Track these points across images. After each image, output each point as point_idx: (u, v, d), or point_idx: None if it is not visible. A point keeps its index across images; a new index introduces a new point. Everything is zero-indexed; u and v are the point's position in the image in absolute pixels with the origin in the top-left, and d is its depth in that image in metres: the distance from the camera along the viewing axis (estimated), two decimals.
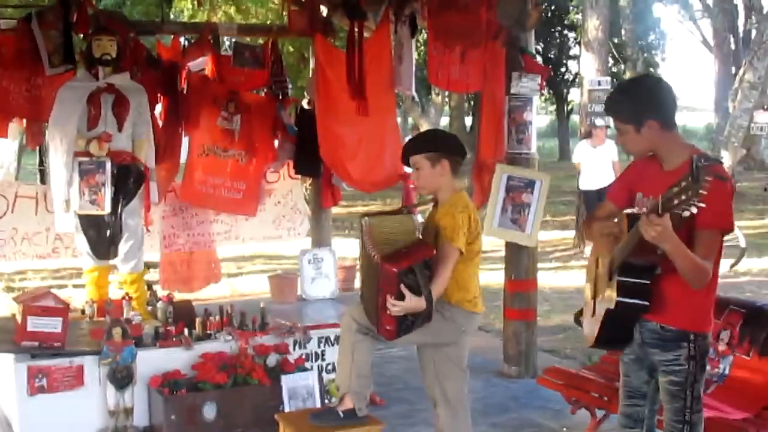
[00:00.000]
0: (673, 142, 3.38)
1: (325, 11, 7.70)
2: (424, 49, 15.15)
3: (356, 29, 6.98)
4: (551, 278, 10.49)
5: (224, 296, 9.17)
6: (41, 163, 13.38)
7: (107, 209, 5.88)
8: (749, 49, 15.03)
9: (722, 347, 4.62)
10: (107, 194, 5.86)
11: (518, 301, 6.54)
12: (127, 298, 5.96)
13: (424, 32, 9.79)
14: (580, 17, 22.62)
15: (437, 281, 3.91)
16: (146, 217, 6.33)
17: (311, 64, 8.21)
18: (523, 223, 6.27)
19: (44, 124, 7.00)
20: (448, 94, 21.55)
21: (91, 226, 5.99)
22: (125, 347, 5.03)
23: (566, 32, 31.91)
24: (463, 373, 4.25)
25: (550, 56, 31.74)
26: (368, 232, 3.99)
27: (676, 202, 2.85)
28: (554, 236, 13.55)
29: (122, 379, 5.01)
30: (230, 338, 5.41)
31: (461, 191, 4.20)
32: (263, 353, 5.32)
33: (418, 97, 21.43)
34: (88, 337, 5.41)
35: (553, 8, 28.60)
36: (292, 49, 14.96)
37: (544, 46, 31.20)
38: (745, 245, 11.45)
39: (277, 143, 7.61)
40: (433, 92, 22.64)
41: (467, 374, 4.29)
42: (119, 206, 5.97)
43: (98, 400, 5.05)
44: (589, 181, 11.97)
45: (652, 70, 28.06)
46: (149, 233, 6.91)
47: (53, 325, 5.06)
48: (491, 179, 6.29)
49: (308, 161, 7.52)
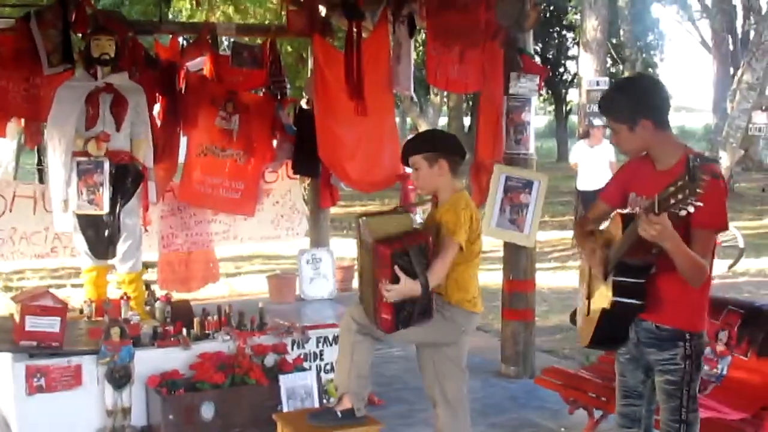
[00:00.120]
0: (666, 141, 3.38)
1: (323, 11, 7.69)
2: (422, 49, 15.17)
3: (354, 29, 6.97)
4: (549, 278, 10.48)
5: (222, 296, 9.17)
6: (39, 162, 13.36)
7: (105, 209, 5.88)
8: (747, 49, 15.03)
9: (720, 348, 4.62)
10: (105, 194, 5.86)
11: (516, 301, 6.54)
12: (125, 297, 5.96)
13: (422, 32, 9.79)
14: (578, 18, 22.63)
15: (434, 270, 3.89)
16: (144, 216, 6.34)
17: (310, 64, 8.21)
18: (521, 223, 6.27)
19: (42, 123, 7.01)
20: (446, 94, 21.57)
21: (89, 225, 5.98)
22: (123, 347, 5.03)
23: (565, 32, 31.92)
24: (462, 373, 4.25)
25: (548, 57, 31.75)
26: (366, 231, 3.99)
27: (672, 201, 2.86)
28: (552, 236, 13.55)
29: (120, 378, 5.01)
30: (228, 338, 5.41)
31: (462, 191, 4.19)
32: (261, 353, 5.32)
33: (416, 97, 21.44)
34: (86, 336, 5.41)
35: (551, 8, 28.61)
36: (290, 49, 14.95)
37: (542, 46, 31.21)
38: (743, 246, 11.47)
39: (275, 143, 7.59)
40: (431, 92, 22.66)
41: (467, 374, 4.29)
42: (117, 206, 5.96)
43: (96, 399, 5.06)
44: (586, 181, 11.96)
45: (650, 70, 28.07)
46: (147, 233, 6.91)
47: (51, 324, 5.05)
48: (489, 179, 6.28)
49: (307, 161, 7.51)
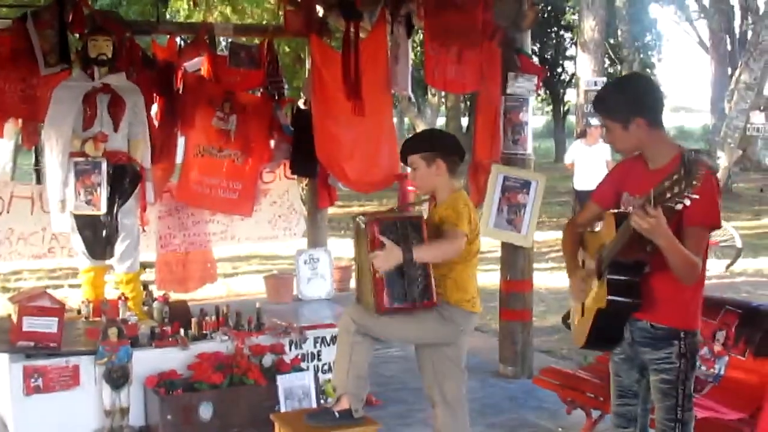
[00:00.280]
0: (660, 140, 3.38)
1: (321, 11, 7.69)
2: (420, 49, 15.16)
3: (352, 29, 6.96)
4: (547, 279, 10.48)
5: (220, 296, 9.17)
6: (37, 163, 13.33)
7: (103, 209, 5.88)
8: (745, 50, 15.05)
9: (718, 348, 4.62)
10: (103, 194, 5.85)
11: (514, 301, 6.54)
12: (123, 298, 5.95)
13: (420, 32, 9.80)
14: (576, 18, 22.67)
15: (430, 246, 3.93)
16: (142, 217, 6.33)
17: (307, 64, 8.21)
18: (518, 223, 6.27)
19: (40, 124, 6.99)
20: (444, 94, 21.57)
21: (87, 226, 5.98)
22: (121, 347, 5.03)
23: (563, 33, 31.95)
24: (461, 373, 4.25)
25: (546, 57, 31.77)
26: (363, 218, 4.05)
27: (669, 195, 2.86)
28: (550, 237, 13.52)
29: (118, 379, 5.01)
30: (226, 338, 5.41)
31: (460, 190, 4.20)
32: (259, 353, 5.32)
33: (414, 97, 21.43)
34: (84, 337, 5.40)
35: (549, 9, 28.65)
36: (288, 49, 14.93)
37: (540, 46, 31.24)
38: (741, 246, 11.48)
39: (273, 143, 7.59)
40: (429, 92, 22.64)
41: (466, 374, 4.29)
42: (115, 206, 5.96)
43: (94, 400, 5.05)
44: (584, 181, 11.96)
45: (648, 70, 28.08)
46: (145, 233, 6.90)
47: (49, 325, 5.05)
48: (487, 180, 6.29)
49: (304, 161, 7.51)
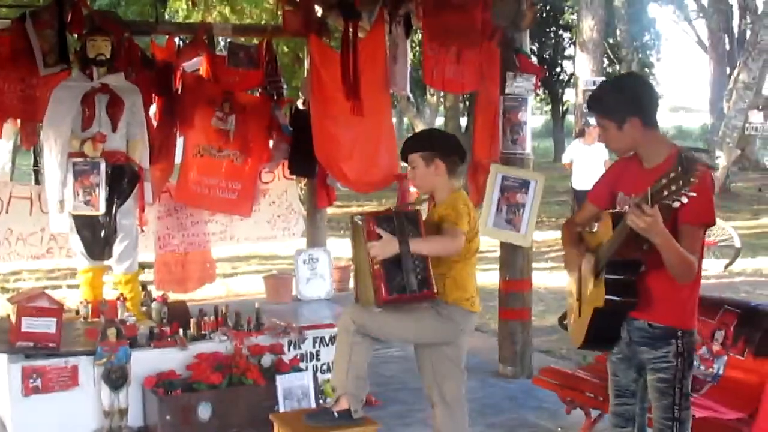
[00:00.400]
0: (654, 139, 3.38)
1: (319, 11, 7.69)
2: (419, 49, 15.15)
3: (351, 29, 6.96)
4: (546, 278, 10.48)
5: (219, 297, 9.17)
6: (36, 163, 13.36)
7: (102, 210, 5.87)
8: (744, 49, 15.06)
9: (717, 347, 4.62)
10: (102, 195, 5.85)
11: (513, 301, 6.54)
12: (121, 298, 5.95)
13: (419, 32, 9.79)
14: (575, 17, 22.66)
15: (429, 239, 3.95)
16: (141, 217, 6.34)
17: (306, 64, 8.20)
18: (517, 223, 6.27)
19: (38, 124, 7.00)
20: (443, 94, 21.54)
21: (85, 226, 5.98)
22: (120, 348, 5.02)
23: (561, 32, 31.92)
24: (461, 373, 4.25)
25: (545, 56, 31.74)
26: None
27: (666, 193, 2.86)
28: (549, 236, 13.53)
29: (117, 379, 5.01)
30: (225, 338, 5.41)
31: (460, 190, 4.20)
32: (258, 353, 5.32)
33: (413, 97, 21.43)
34: (82, 337, 5.41)
35: (548, 8, 28.63)
36: (287, 49, 14.94)
37: (539, 46, 31.21)
38: (739, 245, 11.48)
39: (272, 143, 7.59)
40: (428, 92, 22.63)
41: (465, 374, 4.29)
42: (114, 207, 5.96)
43: (93, 400, 5.05)
44: (582, 180, 11.97)
45: (647, 70, 28.09)
46: (144, 234, 6.91)
47: (48, 325, 5.05)
48: (486, 179, 6.28)
49: (303, 161, 7.51)
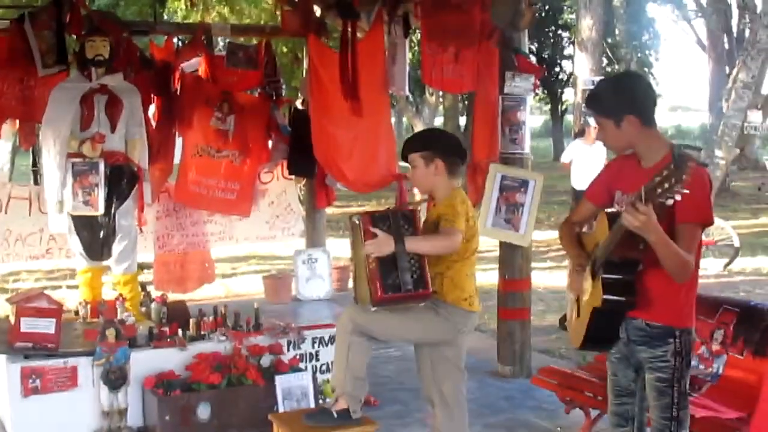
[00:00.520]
0: (652, 138, 3.38)
1: (318, 11, 7.69)
2: (418, 49, 15.15)
3: (349, 29, 6.96)
4: (546, 278, 10.49)
5: (218, 297, 9.16)
6: (34, 164, 13.33)
7: (100, 210, 5.88)
8: (743, 48, 15.03)
9: (716, 347, 4.62)
10: (100, 195, 5.85)
11: (512, 300, 6.54)
12: (120, 299, 5.95)
13: (417, 32, 9.79)
14: (574, 17, 22.66)
15: (426, 240, 3.97)
16: (140, 217, 6.33)
17: (305, 64, 8.20)
18: (516, 222, 6.27)
19: (37, 125, 7.00)
20: (442, 94, 21.53)
21: (84, 226, 5.98)
22: (119, 348, 5.03)
23: (560, 32, 31.93)
24: (460, 373, 4.25)
25: (544, 56, 31.75)
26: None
27: (659, 191, 2.86)
28: (549, 236, 13.53)
29: (116, 380, 5.01)
30: (224, 339, 5.41)
31: (459, 189, 4.20)
32: (257, 354, 5.32)
33: (412, 97, 21.41)
34: (81, 338, 5.41)
35: (547, 8, 28.63)
36: (285, 49, 14.93)
37: (538, 45, 31.22)
38: (738, 245, 11.48)
39: (270, 143, 7.60)
40: (427, 92, 22.61)
41: (465, 375, 4.29)
42: (113, 207, 5.97)
43: (92, 401, 5.05)
44: (582, 180, 11.90)
45: (646, 70, 28.08)
46: (143, 234, 6.90)
47: (47, 326, 5.06)
48: (485, 179, 6.28)
49: (302, 161, 7.51)
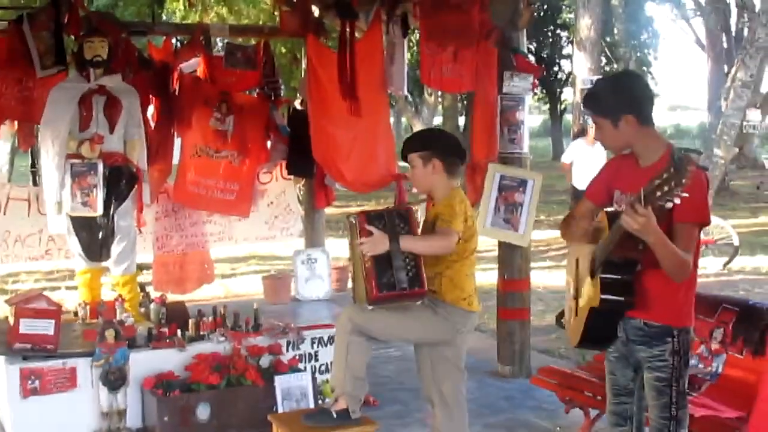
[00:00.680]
0: (650, 137, 3.39)
1: (316, 11, 7.68)
2: (416, 49, 15.15)
3: (348, 29, 6.96)
4: (545, 278, 10.48)
5: (218, 297, 9.16)
6: (33, 165, 13.31)
7: (99, 211, 5.88)
8: (741, 47, 15.05)
9: (715, 346, 4.62)
10: (99, 196, 5.85)
11: (512, 300, 6.53)
12: (119, 299, 5.95)
13: (416, 32, 9.78)
14: (572, 16, 22.67)
15: (421, 239, 3.98)
16: (139, 218, 6.33)
17: (303, 64, 8.20)
18: (515, 222, 6.26)
19: (36, 125, 6.99)
20: (441, 94, 21.54)
21: (83, 227, 5.98)
22: (118, 349, 5.03)
23: (559, 31, 31.94)
24: (460, 373, 4.24)
25: (543, 55, 31.76)
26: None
27: (659, 193, 2.87)
28: (548, 236, 13.53)
29: (115, 380, 5.01)
30: (223, 339, 5.41)
31: (457, 189, 4.20)
32: (257, 354, 5.32)
33: (411, 97, 21.40)
34: (80, 338, 5.42)
35: (545, 7, 28.64)
36: (284, 49, 14.94)
37: (536, 45, 31.22)
38: (738, 243, 11.48)
39: (269, 144, 7.59)
40: (426, 92, 22.63)
41: (465, 375, 4.28)
42: (111, 208, 5.97)
43: (91, 402, 5.05)
44: (584, 180, 11.91)
45: (644, 69, 28.08)
46: (142, 234, 6.89)
47: (46, 327, 5.05)
48: (484, 179, 6.28)
49: (301, 162, 7.51)
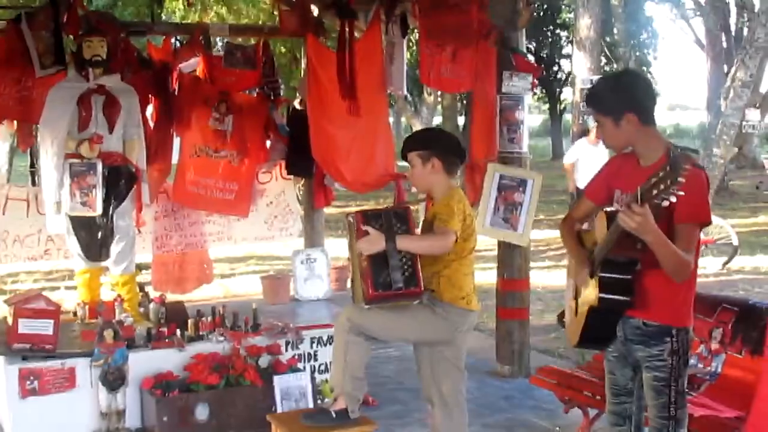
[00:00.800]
0: (651, 136, 3.38)
1: (316, 11, 7.68)
2: (416, 48, 15.14)
3: (347, 29, 6.95)
4: (544, 277, 10.48)
5: (217, 297, 9.16)
6: (32, 165, 13.31)
7: (98, 211, 5.87)
8: (741, 47, 15.04)
9: (715, 345, 4.62)
10: (98, 196, 5.85)
11: (511, 300, 6.53)
12: (119, 299, 5.95)
13: (415, 32, 9.77)
14: (572, 16, 22.67)
15: (417, 239, 3.99)
16: (138, 218, 6.32)
17: (303, 64, 8.19)
18: (515, 222, 6.26)
19: (35, 125, 6.99)
20: (440, 93, 21.54)
21: (82, 227, 5.97)
22: (117, 349, 5.02)
23: (558, 31, 31.95)
24: (460, 373, 4.24)
25: (542, 55, 31.77)
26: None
27: (655, 192, 2.87)
28: (547, 235, 13.54)
29: (114, 380, 5.01)
30: (223, 339, 5.41)
31: (456, 188, 4.20)
32: (256, 354, 5.32)
33: (410, 96, 21.39)
34: (79, 339, 5.41)
35: (545, 7, 28.63)
36: (284, 49, 14.93)
37: (536, 45, 31.23)
38: (737, 243, 11.48)
39: (269, 144, 7.59)
40: (425, 92, 22.62)
41: (465, 374, 4.28)
42: (111, 208, 5.96)
43: (90, 402, 5.05)
44: (587, 179, 11.88)
45: (644, 68, 28.08)
46: (141, 234, 6.90)
47: (45, 327, 5.05)
48: (483, 178, 6.28)
49: (300, 161, 7.50)
